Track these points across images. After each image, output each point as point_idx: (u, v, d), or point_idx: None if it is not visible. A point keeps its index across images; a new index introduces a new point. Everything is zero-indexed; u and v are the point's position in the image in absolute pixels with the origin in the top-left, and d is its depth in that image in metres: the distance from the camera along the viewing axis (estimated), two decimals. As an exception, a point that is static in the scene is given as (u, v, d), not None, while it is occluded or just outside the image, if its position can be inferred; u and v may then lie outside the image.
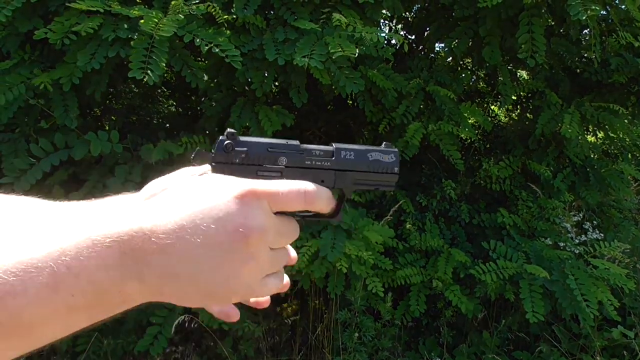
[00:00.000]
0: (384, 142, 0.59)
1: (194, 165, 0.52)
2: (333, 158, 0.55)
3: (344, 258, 2.34)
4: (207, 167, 0.53)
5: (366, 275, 2.46)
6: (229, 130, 0.52)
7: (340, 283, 2.51)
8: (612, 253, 2.59)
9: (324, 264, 2.37)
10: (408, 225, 2.68)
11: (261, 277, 0.48)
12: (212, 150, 0.52)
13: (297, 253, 2.12)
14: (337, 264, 2.34)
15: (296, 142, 0.54)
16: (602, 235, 2.76)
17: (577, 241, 2.71)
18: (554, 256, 2.62)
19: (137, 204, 0.47)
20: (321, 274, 2.38)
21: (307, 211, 0.52)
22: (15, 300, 0.37)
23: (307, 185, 0.50)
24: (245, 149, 0.52)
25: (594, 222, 2.86)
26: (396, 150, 0.59)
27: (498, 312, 2.83)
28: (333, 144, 0.56)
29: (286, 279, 0.56)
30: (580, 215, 2.85)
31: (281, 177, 0.53)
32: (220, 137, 0.52)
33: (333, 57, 2.07)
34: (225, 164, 0.51)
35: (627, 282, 2.50)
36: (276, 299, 2.73)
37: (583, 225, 2.80)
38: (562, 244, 2.70)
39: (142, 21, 1.82)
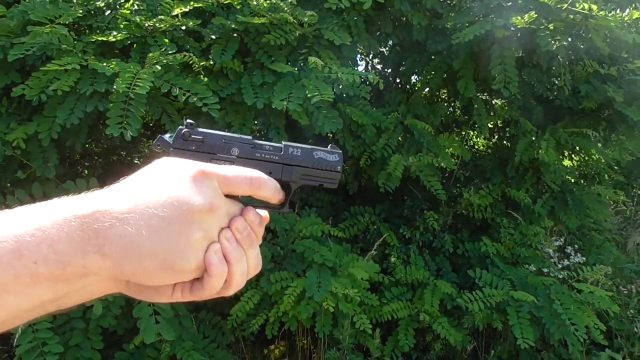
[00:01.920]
0: (330, 145, 0.64)
1: (155, 149, 0.56)
2: (281, 153, 0.60)
3: (331, 297, 2.33)
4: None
5: (353, 312, 2.45)
6: (188, 120, 0.56)
7: (327, 322, 2.48)
8: (595, 276, 2.62)
9: (311, 304, 2.35)
10: (393, 259, 2.68)
11: (214, 251, 0.50)
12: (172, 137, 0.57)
13: (283, 294, 2.07)
14: (324, 303, 2.32)
15: (249, 137, 0.59)
16: (584, 258, 2.80)
17: (560, 266, 2.74)
18: (539, 282, 2.65)
19: (100, 190, 0.50)
20: (308, 314, 2.36)
21: (258, 200, 0.57)
22: None
23: (254, 173, 0.54)
24: (201, 137, 0.56)
25: (576, 245, 2.90)
26: (340, 152, 0.63)
27: (487, 342, 2.82)
28: (282, 142, 0.61)
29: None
30: (562, 239, 2.89)
31: (233, 165, 0.56)
32: (180, 126, 0.56)
33: (312, 102, 2.10)
34: (183, 150, 0.55)
35: (612, 305, 2.53)
36: (263, 340, 2.69)
37: (565, 250, 2.84)
38: (545, 270, 2.73)
39: (118, 79, 1.82)
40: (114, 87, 1.80)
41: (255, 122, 2.54)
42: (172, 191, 0.47)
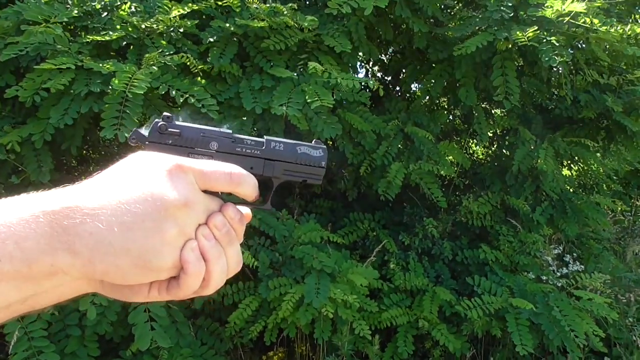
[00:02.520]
0: (314, 140, 0.61)
1: (131, 143, 0.54)
2: (263, 147, 0.57)
3: (330, 303, 2.31)
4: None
5: (352, 318, 2.43)
6: (165, 113, 0.54)
7: (327, 328, 2.46)
8: (593, 284, 2.62)
9: (310, 310, 2.33)
10: (392, 265, 2.67)
11: (191, 249, 0.48)
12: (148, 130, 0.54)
13: (281, 300, 2.04)
14: (322, 309, 2.30)
15: (229, 131, 0.56)
16: (583, 266, 2.80)
17: (558, 274, 2.74)
18: (538, 290, 2.65)
19: (71, 185, 0.47)
20: (307, 320, 2.33)
21: (237, 198, 0.54)
22: None
23: (234, 168, 0.52)
24: (178, 130, 0.54)
25: (574, 254, 2.90)
26: (324, 147, 0.61)
27: (486, 349, 2.81)
28: (265, 136, 0.58)
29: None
30: (561, 247, 2.89)
31: (212, 160, 0.54)
32: (156, 119, 0.53)
33: (311, 107, 2.08)
34: (159, 144, 0.53)
35: (611, 313, 2.53)
36: (262, 347, 2.66)
37: (564, 258, 2.84)
38: (544, 278, 2.73)
39: (114, 79, 1.80)
40: (111, 85, 1.77)
41: (254, 127, 2.52)
42: (146, 186, 0.45)
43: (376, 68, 3.37)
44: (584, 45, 2.54)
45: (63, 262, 0.41)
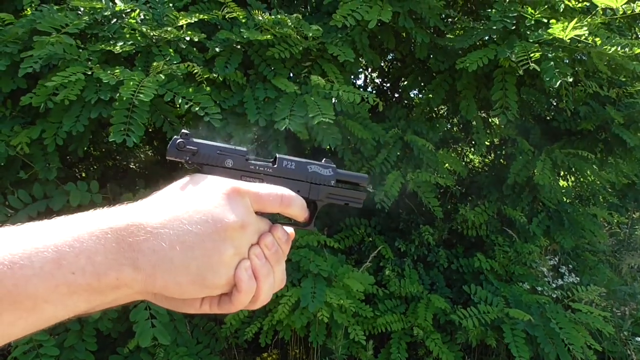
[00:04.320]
0: (324, 158, 0.65)
1: (169, 158, 0.57)
2: (275, 165, 0.60)
3: (325, 307, 2.34)
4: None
5: (347, 323, 2.46)
6: (183, 130, 0.57)
7: (321, 332, 2.50)
8: (589, 297, 2.63)
9: (305, 313, 2.37)
10: (387, 271, 2.70)
11: (245, 268, 0.51)
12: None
13: (277, 303, 2.08)
14: (318, 313, 2.34)
15: (244, 149, 0.60)
16: (578, 278, 2.81)
17: (554, 285, 2.75)
18: (533, 301, 2.66)
19: (134, 203, 0.51)
20: (302, 323, 2.37)
21: (285, 218, 0.59)
22: (22, 270, 0.40)
23: (285, 190, 0.56)
24: (195, 148, 0.56)
25: (570, 265, 2.91)
26: (334, 166, 0.64)
27: (479, 358, 2.83)
28: (277, 154, 0.62)
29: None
30: (556, 259, 2.91)
31: (262, 182, 0.58)
32: (175, 137, 0.57)
33: (314, 122, 2.12)
34: (178, 161, 0.56)
35: (606, 326, 2.54)
36: (256, 348, 2.70)
37: (559, 269, 2.85)
38: (539, 289, 2.74)
39: (122, 87, 1.86)
40: (119, 93, 1.83)
41: (255, 134, 2.57)
42: (206, 208, 0.49)
43: (375, 75, 3.40)
44: (584, 58, 2.55)
45: (127, 276, 0.45)
